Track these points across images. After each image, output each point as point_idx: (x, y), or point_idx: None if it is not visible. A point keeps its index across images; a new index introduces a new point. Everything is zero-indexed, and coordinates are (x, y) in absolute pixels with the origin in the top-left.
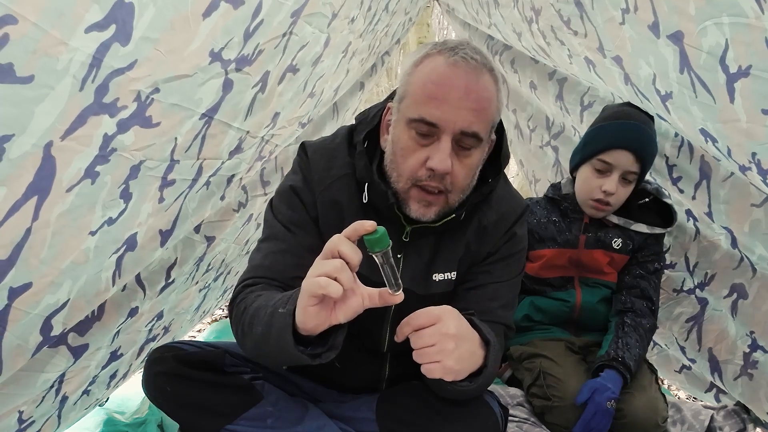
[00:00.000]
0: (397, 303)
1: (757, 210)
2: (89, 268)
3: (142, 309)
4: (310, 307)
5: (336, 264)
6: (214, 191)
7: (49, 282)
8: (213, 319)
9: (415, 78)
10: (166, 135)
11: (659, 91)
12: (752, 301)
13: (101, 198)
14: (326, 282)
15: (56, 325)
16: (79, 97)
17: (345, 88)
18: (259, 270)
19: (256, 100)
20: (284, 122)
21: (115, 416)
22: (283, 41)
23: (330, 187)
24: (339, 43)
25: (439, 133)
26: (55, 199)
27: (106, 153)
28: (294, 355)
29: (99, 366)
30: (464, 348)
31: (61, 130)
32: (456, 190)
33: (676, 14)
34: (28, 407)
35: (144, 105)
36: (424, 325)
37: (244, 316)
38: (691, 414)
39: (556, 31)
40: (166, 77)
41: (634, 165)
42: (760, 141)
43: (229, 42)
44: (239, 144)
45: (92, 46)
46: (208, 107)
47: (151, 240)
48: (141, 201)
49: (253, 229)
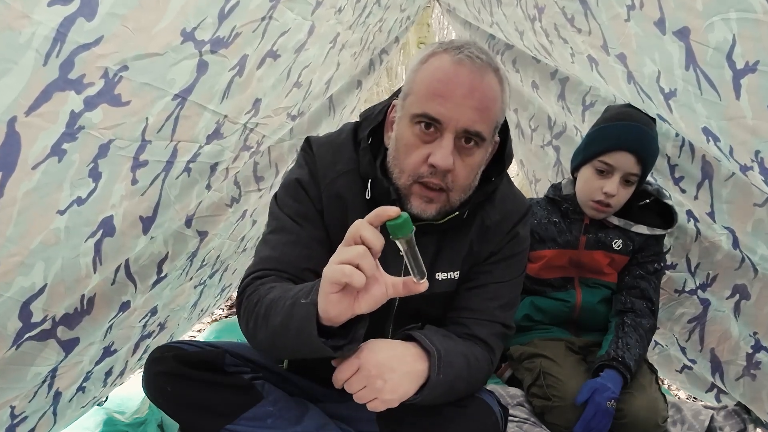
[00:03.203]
0: (422, 291)
1: (760, 210)
2: (63, 251)
3: (135, 304)
4: (332, 294)
5: (359, 250)
6: (197, 179)
7: (18, 262)
8: (213, 319)
9: (420, 75)
10: (136, 114)
11: (663, 89)
12: (755, 302)
13: (69, 176)
14: (350, 270)
15: (36, 311)
16: (43, 72)
17: (338, 83)
18: (268, 262)
19: (233, 84)
20: (269, 111)
21: (115, 416)
22: (262, 25)
23: (335, 182)
24: (326, 32)
25: (442, 130)
26: (21, 176)
27: (73, 131)
28: (315, 346)
29: (92, 362)
30: (395, 377)
31: (25, 105)
32: (457, 188)
33: (682, 10)
34: (21, 402)
35: (112, 82)
36: (347, 377)
37: (258, 307)
38: (691, 414)
39: (560, 29)
40: (134, 55)
41: (636, 167)
42: (765, 138)
43: (201, 22)
44: (217, 128)
45: (56, 20)
46: (182, 88)
47: (131, 226)
48: (112, 181)
49: (248, 225)
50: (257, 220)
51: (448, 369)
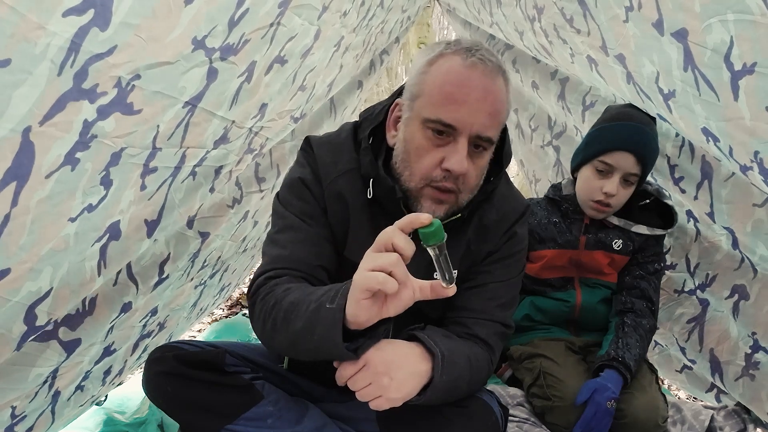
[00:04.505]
0: (450, 296)
1: (759, 210)
2: (70, 256)
3: (136, 305)
4: (363, 300)
5: (391, 258)
6: (201, 182)
7: (28, 268)
8: (213, 319)
9: (430, 77)
10: (148, 122)
11: (662, 90)
12: (754, 302)
13: (81, 185)
14: (384, 278)
15: (41, 315)
16: (58, 82)
17: (340, 84)
18: (280, 261)
19: (241, 90)
20: (273, 114)
21: (115, 416)
22: (270, 31)
23: (336, 181)
24: (331, 36)
25: (456, 135)
26: (35, 185)
27: (86, 139)
28: (338, 351)
29: (92, 361)
30: (400, 375)
31: (39, 115)
32: (466, 190)
33: (680, 11)
34: (21, 402)
35: (125, 91)
36: (352, 374)
37: (275, 311)
38: (692, 414)
39: (559, 29)
40: (147, 64)
41: (636, 167)
42: (764, 139)
43: (212, 30)
44: (225, 134)
45: (70, 31)
46: (192, 95)
47: (136, 230)
48: (122, 188)
49: (250, 226)
50: (258, 221)
51: (451, 370)
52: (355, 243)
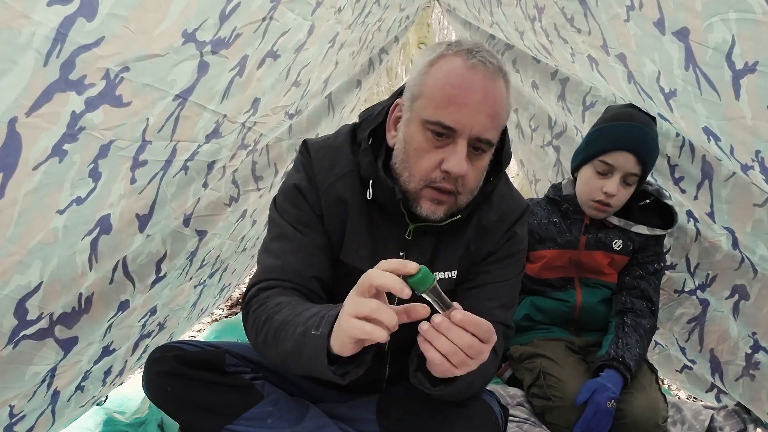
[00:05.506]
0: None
1: (759, 210)
2: (59, 249)
3: (134, 303)
4: (349, 344)
5: (372, 305)
6: (194, 177)
7: (16, 261)
8: (213, 319)
9: (431, 78)
10: (137, 115)
11: (663, 89)
12: (754, 302)
13: (70, 177)
14: (371, 329)
15: (32, 309)
16: (44, 73)
17: (336, 82)
18: (273, 271)
19: (233, 84)
20: (267, 110)
21: (115, 416)
22: (262, 26)
23: (334, 185)
24: (325, 32)
25: (456, 137)
26: (22, 177)
27: (74, 131)
28: (326, 374)
29: (91, 361)
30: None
31: (26, 106)
32: (466, 191)
33: (682, 10)
34: (19, 401)
35: (113, 83)
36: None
37: (266, 327)
38: (692, 414)
39: (560, 29)
40: (136, 56)
41: (636, 167)
42: (765, 138)
43: (203, 23)
44: (216, 128)
45: (55, 20)
46: (183, 89)
47: (128, 224)
48: (111, 181)
49: (248, 225)
50: (257, 220)
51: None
52: (351, 246)
